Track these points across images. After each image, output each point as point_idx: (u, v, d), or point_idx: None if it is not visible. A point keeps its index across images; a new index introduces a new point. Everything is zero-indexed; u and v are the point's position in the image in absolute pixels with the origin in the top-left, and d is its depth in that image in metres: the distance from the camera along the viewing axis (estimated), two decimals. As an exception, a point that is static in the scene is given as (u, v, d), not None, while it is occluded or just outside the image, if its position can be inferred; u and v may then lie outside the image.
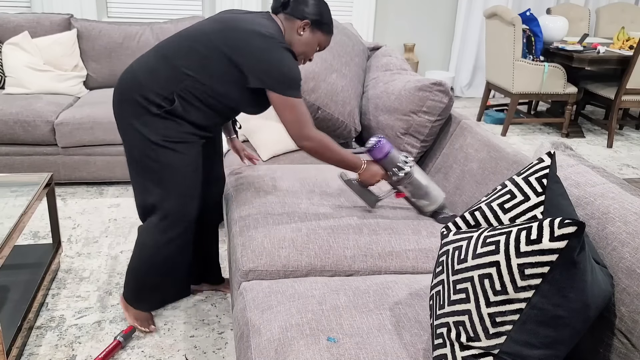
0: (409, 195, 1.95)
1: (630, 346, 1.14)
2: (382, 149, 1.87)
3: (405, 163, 1.88)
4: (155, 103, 1.72)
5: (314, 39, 1.77)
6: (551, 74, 4.40)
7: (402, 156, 1.90)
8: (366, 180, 1.88)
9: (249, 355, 1.34)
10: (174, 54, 1.72)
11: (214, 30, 1.70)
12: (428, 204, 1.94)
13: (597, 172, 1.42)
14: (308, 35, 1.76)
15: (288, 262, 1.69)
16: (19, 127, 3.03)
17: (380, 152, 1.88)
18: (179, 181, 1.80)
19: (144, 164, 1.79)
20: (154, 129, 1.74)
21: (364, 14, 5.33)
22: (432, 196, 1.92)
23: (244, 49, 1.66)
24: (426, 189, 1.91)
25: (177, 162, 1.78)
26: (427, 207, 1.95)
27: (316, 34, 1.77)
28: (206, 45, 1.69)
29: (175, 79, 1.71)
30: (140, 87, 1.73)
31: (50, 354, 1.93)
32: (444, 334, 1.15)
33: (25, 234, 2.71)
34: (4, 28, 3.52)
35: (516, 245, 1.05)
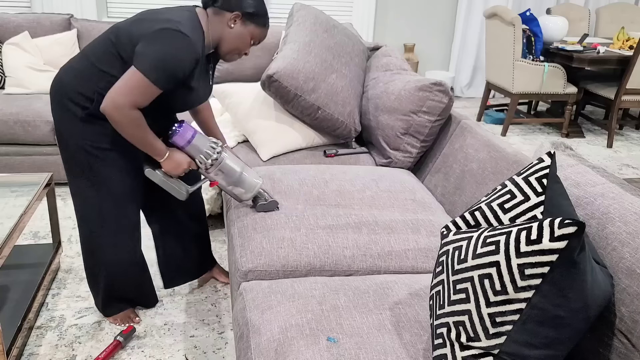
0: (223, 184, 1.86)
1: (630, 346, 1.14)
2: (183, 135, 1.75)
3: (213, 149, 1.79)
4: (80, 104, 1.72)
5: (246, 31, 1.74)
6: (551, 74, 4.40)
7: (210, 142, 1.80)
8: (170, 170, 1.78)
9: (249, 355, 1.34)
10: (92, 51, 1.72)
11: (127, 25, 1.69)
12: (244, 192, 1.86)
13: (597, 172, 1.42)
14: (239, 28, 1.73)
15: (287, 262, 1.69)
16: (19, 127, 3.03)
17: (181, 139, 1.75)
18: (113, 187, 1.80)
19: (77, 168, 1.79)
20: (81, 133, 1.74)
21: (364, 14, 5.33)
22: (247, 183, 1.84)
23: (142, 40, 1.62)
24: (239, 176, 1.83)
25: (106, 170, 1.78)
26: (244, 195, 1.87)
27: (248, 26, 1.74)
28: (119, 41, 1.67)
29: (95, 77, 1.70)
30: (64, 88, 1.73)
31: (50, 353, 1.93)
32: (444, 334, 1.15)
33: (26, 234, 2.71)
34: (4, 28, 3.52)
35: (516, 246, 1.05)
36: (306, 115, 2.48)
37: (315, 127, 2.54)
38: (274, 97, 2.45)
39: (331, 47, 2.60)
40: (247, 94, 2.60)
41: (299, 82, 2.40)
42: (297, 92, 2.40)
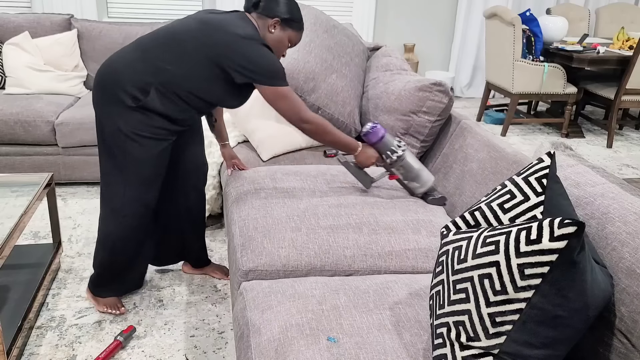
0: (401, 178, 2.07)
1: (630, 346, 1.14)
2: (377, 133, 1.99)
3: (399, 147, 2.01)
4: (131, 95, 1.79)
5: (285, 35, 1.85)
6: (551, 74, 4.40)
7: (396, 141, 2.03)
8: (362, 162, 2.00)
9: (249, 355, 1.34)
10: (154, 48, 1.80)
11: (195, 31, 1.78)
12: (419, 186, 2.06)
13: (597, 172, 1.42)
14: (279, 32, 1.84)
15: (288, 262, 1.69)
16: (19, 127, 3.03)
17: (375, 137, 2.00)
18: (139, 171, 1.90)
19: (112, 150, 1.89)
20: (126, 120, 1.82)
21: (364, 14, 5.33)
22: (422, 179, 2.05)
23: (227, 52, 1.74)
24: (417, 172, 2.04)
25: (141, 154, 1.87)
26: (418, 189, 2.07)
27: (286, 31, 1.85)
28: (187, 44, 1.76)
29: (154, 72, 1.78)
30: (118, 78, 1.80)
31: (50, 353, 1.93)
32: (443, 334, 1.15)
33: (26, 234, 2.72)
34: (5, 28, 3.53)
35: (516, 245, 1.05)
36: (306, 115, 2.47)
37: (316, 127, 2.54)
38: (274, 97, 2.45)
39: (331, 47, 2.60)
40: (247, 94, 2.60)
41: (299, 82, 2.40)
42: (297, 92, 2.41)
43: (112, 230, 2.01)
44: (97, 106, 1.88)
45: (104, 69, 1.85)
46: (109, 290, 2.15)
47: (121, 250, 2.04)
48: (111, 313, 2.14)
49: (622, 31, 4.72)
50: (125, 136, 1.84)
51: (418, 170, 2.04)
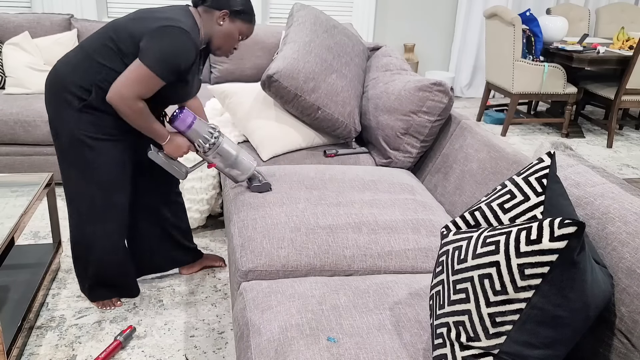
0: (220, 166, 2.00)
1: (630, 346, 1.14)
2: (184, 120, 1.89)
3: (211, 135, 1.93)
4: (77, 95, 1.81)
5: (234, 28, 1.87)
6: (551, 74, 4.40)
7: (209, 127, 1.94)
8: (171, 152, 1.93)
9: (249, 355, 1.34)
10: (90, 46, 1.82)
11: (126, 22, 1.81)
12: (240, 174, 2.00)
13: (597, 172, 1.42)
14: (228, 25, 1.86)
15: (287, 262, 1.69)
16: (19, 127, 3.03)
17: (182, 124, 1.90)
18: (102, 176, 1.91)
19: (71, 159, 1.89)
20: (77, 124, 1.83)
21: (364, 14, 5.33)
22: (242, 165, 1.99)
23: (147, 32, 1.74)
24: (235, 159, 1.97)
25: (100, 160, 1.88)
26: (240, 177, 2.01)
27: (236, 23, 1.87)
28: (119, 36, 1.79)
29: (94, 71, 1.80)
30: (62, 81, 1.83)
31: (50, 353, 1.93)
32: (443, 334, 1.15)
33: (26, 234, 2.71)
34: (4, 28, 3.53)
35: (516, 246, 1.05)
36: (306, 115, 2.48)
37: (315, 127, 2.54)
38: (274, 97, 2.45)
39: (331, 47, 2.60)
40: (247, 94, 2.60)
41: (299, 82, 2.40)
42: (297, 92, 2.40)
43: (88, 238, 2.00)
44: (49, 112, 1.88)
45: (50, 75, 1.86)
46: (102, 294, 2.15)
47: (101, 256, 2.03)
48: (107, 308, 2.17)
49: (622, 31, 4.72)
50: (81, 142, 1.84)
51: (236, 157, 1.97)
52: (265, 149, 2.47)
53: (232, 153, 1.97)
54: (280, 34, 3.70)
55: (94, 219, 1.96)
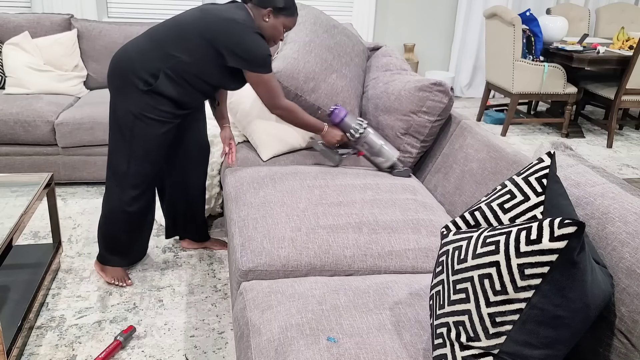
0: (367, 154, 2.33)
1: (630, 346, 1.14)
2: (338, 114, 2.28)
3: (360, 126, 2.28)
4: (143, 79, 2.00)
5: (278, 22, 2.05)
6: (551, 74, 4.40)
7: (358, 120, 2.30)
8: (328, 141, 2.31)
9: (249, 355, 1.34)
10: (162, 38, 2.01)
11: (196, 18, 2.00)
12: (384, 161, 2.30)
13: (597, 172, 1.42)
14: (272, 20, 2.04)
15: (287, 261, 1.69)
16: (19, 127, 3.03)
17: (337, 117, 2.28)
18: (143, 148, 2.10)
19: (121, 128, 2.08)
20: (136, 103, 2.02)
21: (364, 14, 5.33)
22: (386, 154, 2.29)
23: (222, 34, 1.96)
24: (380, 148, 2.28)
25: (146, 133, 2.08)
26: (383, 164, 2.31)
27: (279, 18, 2.04)
28: (190, 31, 1.98)
29: (163, 59, 1.99)
30: (132, 64, 2.01)
31: (50, 353, 1.93)
32: (443, 334, 1.15)
33: (26, 234, 2.72)
34: (4, 28, 3.53)
35: (516, 245, 1.05)
36: (306, 115, 2.48)
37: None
38: (274, 97, 2.45)
39: (331, 47, 2.60)
40: (248, 94, 2.60)
41: (299, 82, 2.40)
42: (297, 92, 2.40)
43: (115, 201, 2.18)
44: (112, 89, 2.08)
45: (119, 56, 2.05)
46: (116, 260, 2.32)
47: (125, 221, 2.22)
48: (118, 285, 2.31)
49: (622, 31, 4.72)
50: (134, 117, 2.04)
51: (381, 146, 2.28)
52: (265, 149, 2.47)
53: (377, 142, 2.28)
54: (280, 34, 3.70)
55: (123, 183, 2.15)
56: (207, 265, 2.50)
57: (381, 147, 2.28)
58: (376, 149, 2.29)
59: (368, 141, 2.29)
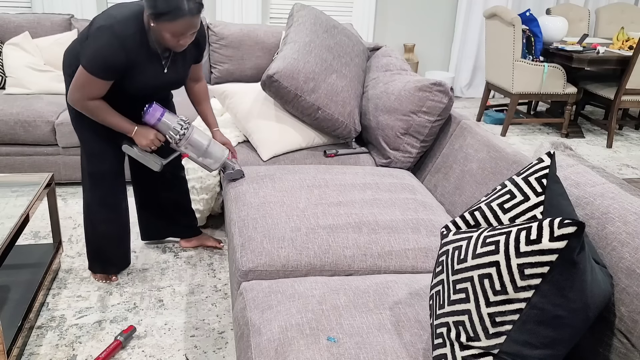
0: (193, 156, 2.10)
1: (630, 346, 1.14)
2: (152, 114, 1.99)
3: (181, 126, 2.02)
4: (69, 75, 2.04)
5: (160, 28, 1.84)
6: (551, 74, 4.40)
7: (179, 119, 2.03)
8: (140, 143, 2.05)
9: (249, 355, 1.34)
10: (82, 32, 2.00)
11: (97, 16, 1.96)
12: (212, 162, 2.11)
13: (596, 172, 1.42)
14: (155, 27, 1.86)
15: (287, 261, 1.69)
16: (19, 127, 3.03)
17: (151, 118, 2.00)
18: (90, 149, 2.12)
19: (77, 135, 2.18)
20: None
21: (364, 14, 5.33)
22: (213, 155, 2.09)
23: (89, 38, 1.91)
24: (207, 148, 2.07)
25: (86, 135, 2.11)
26: (213, 165, 2.12)
27: (160, 24, 1.83)
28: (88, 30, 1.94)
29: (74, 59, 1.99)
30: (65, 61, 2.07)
31: (50, 353, 1.93)
32: (443, 334, 1.15)
33: (26, 234, 2.72)
34: (5, 28, 3.53)
35: (516, 245, 1.05)
36: (306, 115, 2.48)
37: (316, 127, 2.54)
38: (274, 97, 2.45)
39: (331, 47, 2.60)
40: (247, 94, 2.60)
41: (299, 82, 2.40)
42: (297, 92, 2.41)
43: (85, 201, 2.22)
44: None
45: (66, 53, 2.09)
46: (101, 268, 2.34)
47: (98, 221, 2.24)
48: (105, 282, 2.34)
49: (622, 31, 4.72)
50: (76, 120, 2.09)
51: (207, 147, 2.07)
52: (265, 149, 2.47)
53: (202, 143, 2.06)
54: (280, 34, 3.70)
55: (88, 186, 2.19)
56: (207, 265, 2.50)
57: (207, 148, 2.07)
58: (202, 150, 2.07)
59: (192, 142, 2.05)
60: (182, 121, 2.03)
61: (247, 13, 5.02)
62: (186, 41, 1.88)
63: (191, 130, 2.04)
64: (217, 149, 2.10)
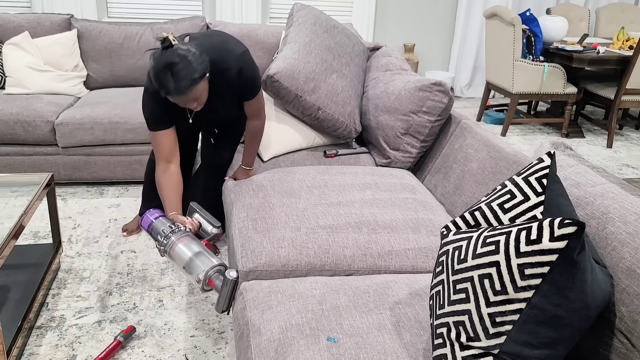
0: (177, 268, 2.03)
1: (630, 346, 1.14)
2: (145, 220, 1.91)
3: (166, 237, 1.79)
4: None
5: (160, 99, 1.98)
6: (551, 74, 4.40)
7: (167, 228, 1.82)
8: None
9: (249, 355, 1.34)
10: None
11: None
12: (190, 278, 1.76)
13: (597, 172, 1.42)
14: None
15: (287, 262, 1.69)
16: (19, 127, 3.03)
17: (144, 223, 1.92)
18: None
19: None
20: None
21: (364, 14, 5.33)
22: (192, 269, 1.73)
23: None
24: (185, 264, 1.74)
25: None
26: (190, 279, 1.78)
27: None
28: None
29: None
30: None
31: (50, 353, 1.93)
32: (443, 334, 1.15)
33: (26, 234, 2.72)
34: (4, 28, 3.53)
35: (516, 245, 1.05)
36: (306, 115, 2.48)
37: (316, 127, 2.54)
38: (275, 97, 2.45)
39: (331, 47, 2.60)
40: (247, 94, 2.60)
41: (300, 82, 2.40)
42: (298, 93, 2.40)
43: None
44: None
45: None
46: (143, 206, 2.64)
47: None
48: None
49: (622, 31, 4.72)
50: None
51: (187, 262, 1.73)
52: (265, 149, 2.47)
53: (183, 258, 1.74)
54: (280, 34, 3.70)
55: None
56: (207, 265, 2.50)
57: (188, 263, 1.73)
58: (182, 264, 1.74)
59: (174, 256, 1.77)
60: (172, 230, 1.81)
61: (247, 13, 5.02)
62: (191, 106, 1.88)
63: (177, 242, 1.77)
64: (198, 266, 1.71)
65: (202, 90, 1.84)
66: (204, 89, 1.85)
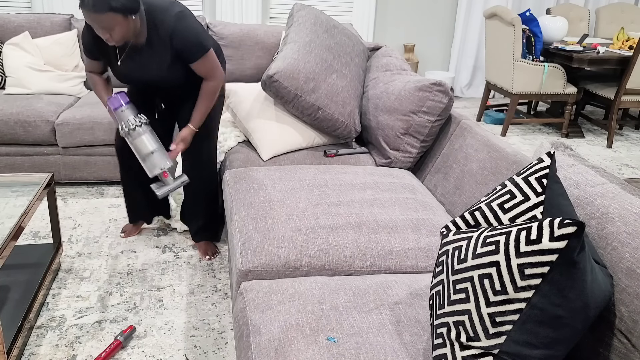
0: (136, 155, 2.19)
1: (630, 346, 1.14)
2: (112, 102, 2.13)
3: (134, 124, 2.12)
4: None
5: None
6: (551, 74, 4.40)
7: (137, 118, 2.14)
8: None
9: (249, 355, 1.34)
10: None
11: None
12: (150, 167, 2.16)
13: (596, 172, 1.42)
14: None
15: (287, 261, 1.69)
16: (19, 127, 3.03)
17: (111, 104, 2.14)
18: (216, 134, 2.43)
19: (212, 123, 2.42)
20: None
21: (364, 14, 5.33)
22: (149, 162, 2.15)
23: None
24: (145, 156, 2.14)
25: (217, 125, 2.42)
26: (148, 172, 2.17)
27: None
28: None
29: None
30: None
31: (50, 353, 1.93)
32: (443, 334, 1.15)
33: (26, 234, 2.72)
34: (5, 28, 3.53)
35: (516, 245, 1.05)
36: (306, 115, 2.48)
37: (316, 127, 2.54)
38: (275, 97, 2.45)
39: (331, 47, 2.60)
40: (248, 94, 2.60)
41: (299, 82, 2.40)
42: (298, 92, 2.41)
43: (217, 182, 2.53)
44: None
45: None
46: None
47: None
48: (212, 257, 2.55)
49: (622, 31, 4.72)
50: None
51: (147, 154, 2.13)
52: (265, 149, 2.47)
53: (146, 148, 2.13)
54: (280, 34, 3.70)
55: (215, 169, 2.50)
56: (207, 265, 2.50)
57: (147, 155, 2.15)
58: (142, 154, 2.15)
59: (137, 142, 2.13)
60: (138, 118, 2.13)
61: (247, 13, 5.02)
62: (103, 35, 1.95)
63: (143, 131, 2.12)
64: (158, 161, 2.15)
65: (118, 24, 1.92)
66: (121, 24, 1.93)
